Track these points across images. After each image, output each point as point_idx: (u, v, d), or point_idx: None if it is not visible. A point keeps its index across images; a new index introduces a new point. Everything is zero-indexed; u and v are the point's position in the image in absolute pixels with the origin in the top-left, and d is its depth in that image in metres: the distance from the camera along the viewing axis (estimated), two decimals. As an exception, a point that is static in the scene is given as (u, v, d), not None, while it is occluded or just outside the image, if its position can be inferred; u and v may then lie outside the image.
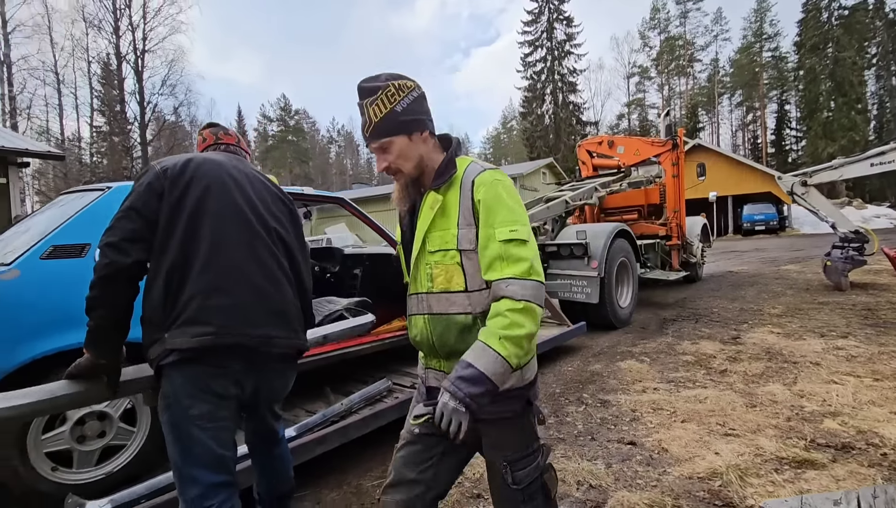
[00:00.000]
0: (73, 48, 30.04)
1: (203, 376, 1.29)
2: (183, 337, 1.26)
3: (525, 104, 38.48)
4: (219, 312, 1.30)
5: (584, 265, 5.08)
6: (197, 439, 1.27)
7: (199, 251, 1.32)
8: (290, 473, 1.73)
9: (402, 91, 1.17)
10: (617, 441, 2.59)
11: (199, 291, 1.30)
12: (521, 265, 1.04)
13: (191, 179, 1.38)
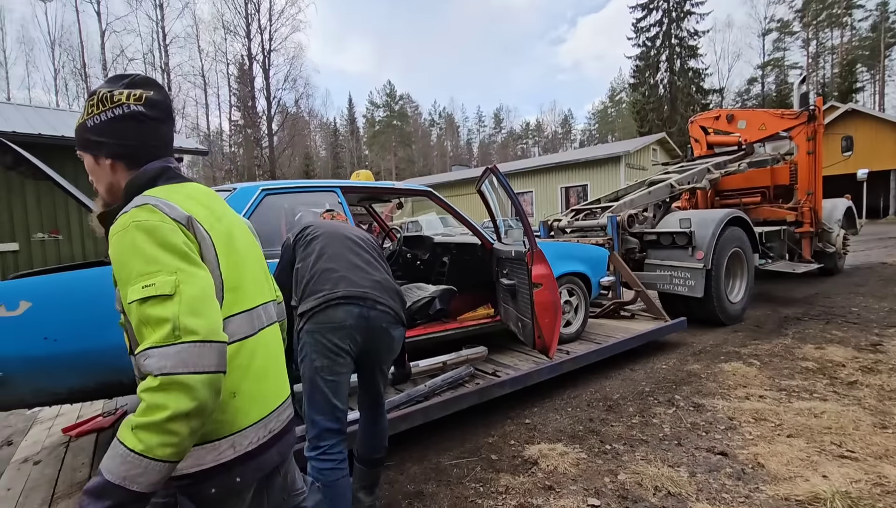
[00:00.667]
0: (215, 53, 34.44)
1: (324, 331, 1.64)
2: (307, 303, 1.68)
3: (636, 74, 35.49)
4: (329, 281, 1.71)
5: (688, 256, 4.70)
6: (318, 388, 1.63)
7: (314, 254, 1.81)
8: (385, 441, 1.98)
9: (104, 104, 0.98)
10: (706, 450, 2.44)
11: (315, 275, 1.74)
12: (162, 329, 0.78)
13: (307, 228, 1.96)
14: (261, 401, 0.98)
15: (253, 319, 1.01)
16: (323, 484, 1.57)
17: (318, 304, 1.66)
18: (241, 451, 0.92)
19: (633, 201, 5.39)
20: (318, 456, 1.61)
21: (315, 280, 1.73)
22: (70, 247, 7.79)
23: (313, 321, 1.66)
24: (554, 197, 20.58)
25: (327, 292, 1.68)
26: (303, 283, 1.77)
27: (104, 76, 30.29)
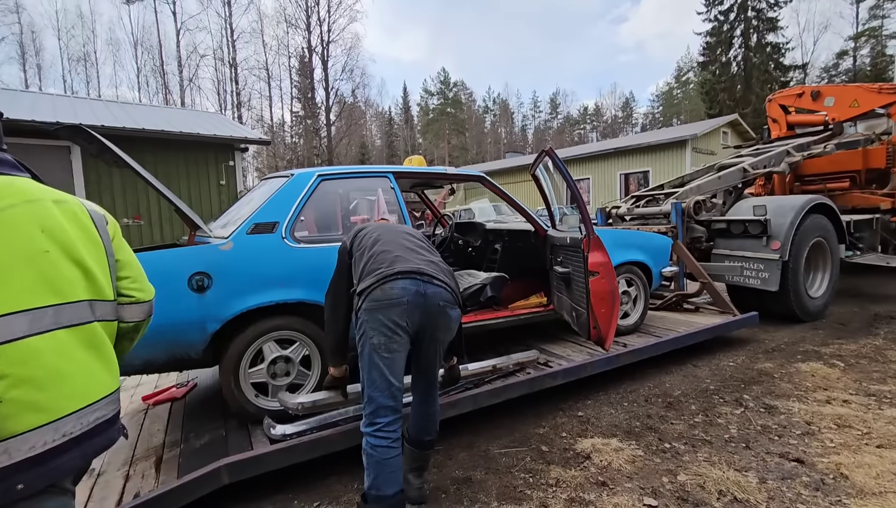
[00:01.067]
0: (277, 46, 35.91)
1: (381, 308, 1.68)
2: (365, 282, 1.75)
3: (706, 51, 32.98)
4: (385, 261, 1.78)
5: (762, 246, 4.33)
6: (375, 365, 1.67)
7: (370, 244, 1.90)
8: (436, 425, 2.00)
9: None
10: (779, 455, 2.26)
11: (371, 257, 1.83)
12: None
13: (361, 229, 2.06)
14: (44, 408, 0.90)
15: (30, 321, 0.91)
16: (376, 461, 1.61)
17: (376, 281, 1.70)
18: (19, 457, 0.86)
19: (701, 186, 5.04)
20: (374, 433, 1.65)
21: (372, 261, 1.79)
22: (150, 231, 8.45)
23: (371, 299, 1.69)
24: (612, 184, 19.74)
25: (384, 270, 1.73)
26: (360, 267, 1.83)
27: (179, 73, 32.47)
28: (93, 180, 7.79)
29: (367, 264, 1.80)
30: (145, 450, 2.40)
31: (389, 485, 1.62)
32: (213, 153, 9.14)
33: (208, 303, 2.33)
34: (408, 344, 1.74)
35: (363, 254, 1.87)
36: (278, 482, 2.21)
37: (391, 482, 1.63)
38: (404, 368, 1.76)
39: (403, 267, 1.74)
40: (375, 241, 1.90)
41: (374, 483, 1.61)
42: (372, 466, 1.63)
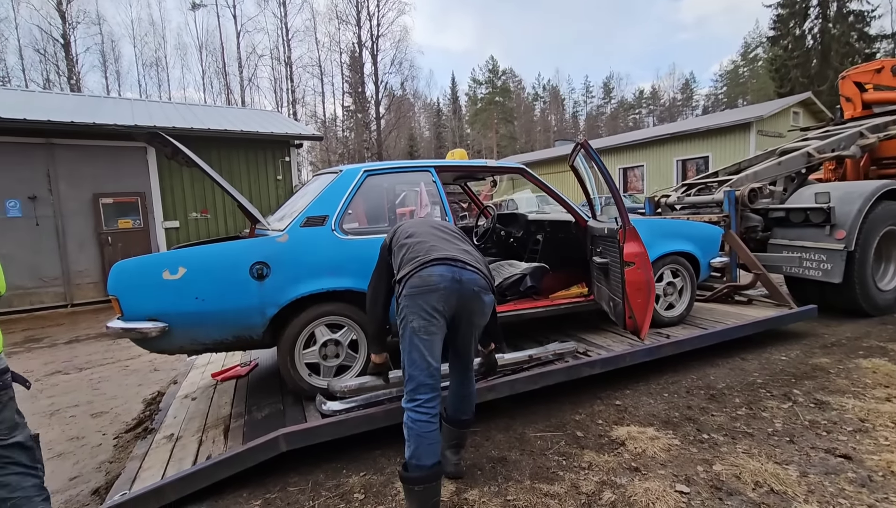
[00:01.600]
0: (329, 43, 36.88)
1: (420, 293, 1.79)
2: (404, 269, 1.87)
3: (777, 24, 30.45)
4: (422, 250, 1.90)
5: (825, 235, 4.09)
6: (416, 346, 1.79)
7: (407, 236, 2.02)
8: (472, 405, 2.13)
9: None
10: (825, 451, 2.20)
11: (409, 247, 1.95)
12: None
13: (399, 226, 2.19)
14: None
15: None
16: (416, 434, 1.76)
17: (414, 268, 1.83)
18: None
19: (758, 173, 4.80)
20: (415, 408, 1.79)
21: (409, 251, 1.93)
22: (216, 224, 9.13)
23: (410, 285, 1.81)
24: (669, 171, 18.86)
25: (421, 257, 1.86)
26: (399, 258, 1.96)
27: (239, 73, 34.23)
28: (165, 177, 8.51)
29: (406, 254, 1.93)
30: (215, 420, 2.70)
31: (429, 456, 1.76)
32: (270, 150, 9.69)
33: (267, 290, 2.58)
34: (445, 327, 1.85)
35: (401, 247, 1.99)
36: (330, 454, 2.42)
37: (430, 453, 1.76)
38: (442, 349, 1.88)
39: (439, 254, 1.86)
40: (412, 234, 2.02)
41: (415, 453, 1.76)
42: (412, 438, 1.78)
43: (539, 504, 1.94)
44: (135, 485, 2.10)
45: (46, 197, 7.62)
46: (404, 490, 1.82)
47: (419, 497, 1.75)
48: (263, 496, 2.12)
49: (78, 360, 4.74)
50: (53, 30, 29.46)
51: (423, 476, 1.74)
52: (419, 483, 1.74)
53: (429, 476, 1.74)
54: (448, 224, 2.22)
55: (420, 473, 1.74)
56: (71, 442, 2.90)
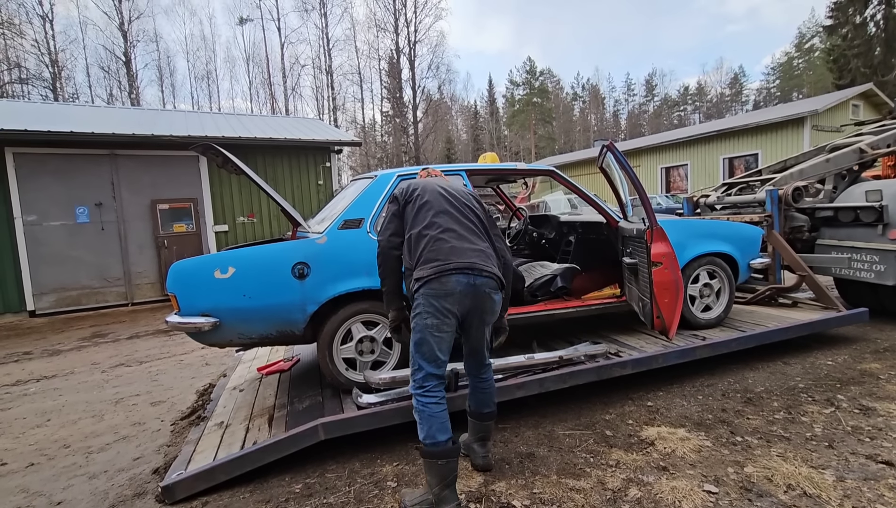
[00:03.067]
0: (368, 50, 37.88)
1: (437, 296, 1.90)
2: (422, 271, 1.92)
3: (835, 13, 28.65)
4: (441, 251, 1.95)
5: (877, 235, 3.88)
6: (427, 341, 1.92)
7: (425, 223, 2.02)
8: (493, 399, 2.21)
9: None
10: (865, 457, 2.13)
11: (428, 244, 1.97)
12: None
13: (414, 190, 2.14)
14: None
15: None
16: (428, 415, 1.89)
17: (433, 273, 1.90)
18: None
19: (804, 170, 4.60)
20: (424, 393, 1.92)
21: (428, 249, 1.96)
22: (262, 227, 9.59)
23: (428, 287, 1.91)
24: (715, 169, 18.13)
25: (441, 264, 1.91)
26: (418, 251, 1.99)
27: (283, 83, 35.63)
28: (216, 183, 9.03)
29: (424, 253, 1.96)
30: (260, 409, 2.90)
31: (442, 433, 1.87)
32: (312, 156, 10.08)
33: (308, 288, 2.75)
34: (456, 325, 1.98)
35: (420, 238, 2.00)
36: (366, 444, 2.56)
37: (443, 430, 1.88)
38: (451, 344, 2.00)
39: (459, 263, 1.92)
40: (430, 224, 2.01)
41: (429, 432, 1.87)
42: (425, 419, 1.89)
43: (565, 497, 1.99)
44: (189, 466, 2.30)
45: (110, 204, 8.26)
46: (426, 466, 1.91)
47: (440, 470, 1.86)
48: (304, 480, 2.28)
49: (139, 354, 5.14)
50: (116, 49, 31.73)
51: (443, 451, 1.85)
52: (441, 458, 1.85)
53: (448, 451, 1.86)
54: (466, 201, 2.16)
55: (436, 448, 1.85)
56: (134, 427, 3.18)
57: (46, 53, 29.53)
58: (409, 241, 2.05)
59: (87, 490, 2.40)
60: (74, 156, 7.96)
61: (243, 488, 2.23)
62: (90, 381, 4.27)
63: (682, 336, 3.36)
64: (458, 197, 2.17)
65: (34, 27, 28.97)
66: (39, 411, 3.61)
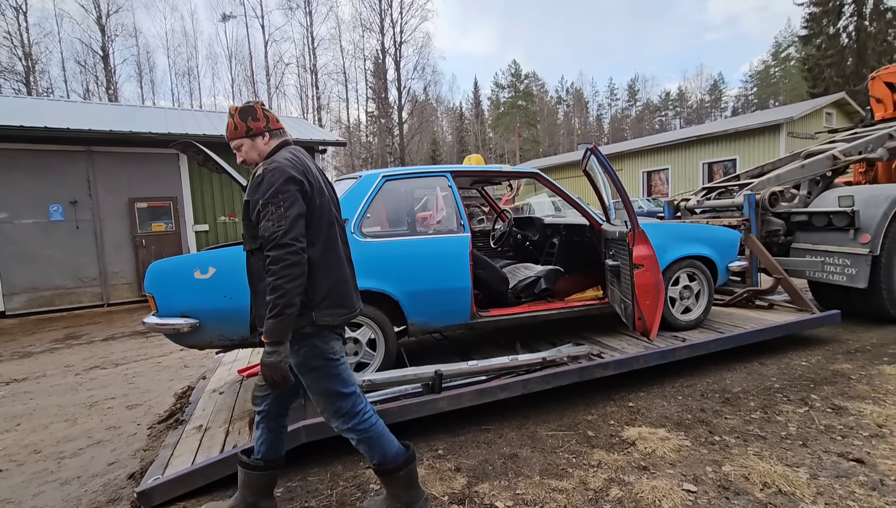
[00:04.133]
0: (353, 50, 37.64)
1: (339, 329, 1.75)
2: (330, 316, 1.65)
3: (809, 23, 29.52)
4: (348, 297, 1.73)
5: (849, 239, 4.01)
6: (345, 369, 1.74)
7: (325, 247, 1.66)
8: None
9: None
10: (838, 455, 2.19)
11: (334, 285, 1.67)
12: None
13: (313, 183, 1.66)
14: None
15: None
16: (377, 432, 1.76)
17: (344, 320, 1.72)
18: None
19: (780, 176, 4.73)
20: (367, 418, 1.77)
21: (335, 290, 1.68)
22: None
23: (334, 326, 1.70)
24: (695, 174, 18.51)
25: (347, 313, 1.72)
26: (320, 285, 1.64)
27: (267, 81, 35.19)
28: (196, 182, 8.86)
29: (331, 295, 1.66)
30: (241, 412, 2.85)
31: (395, 442, 1.80)
32: (295, 156, 9.97)
33: (290, 289, 2.71)
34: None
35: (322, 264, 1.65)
36: (349, 447, 2.51)
37: (393, 439, 1.81)
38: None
39: (355, 313, 1.78)
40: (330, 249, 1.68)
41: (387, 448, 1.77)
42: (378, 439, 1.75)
43: (547, 498, 2.00)
44: (167, 471, 2.25)
45: (86, 202, 8.04)
46: (394, 482, 1.81)
47: (411, 475, 1.82)
48: (285, 484, 2.24)
49: (114, 356, 5.01)
50: (93, 42, 30.97)
51: (408, 456, 1.81)
52: (409, 463, 1.80)
53: (412, 454, 1.83)
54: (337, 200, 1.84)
55: (402, 457, 1.79)
56: (109, 431, 3.10)
57: (20, 46, 28.67)
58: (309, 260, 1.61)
59: (58, 497, 2.32)
60: (48, 152, 7.72)
61: (223, 492, 2.19)
62: (63, 384, 4.14)
63: (663, 338, 3.41)
64: (334, 197, 1.83)
65: (7, 19, 28.13)
66: (8, 415, 3.49)
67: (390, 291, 2.90)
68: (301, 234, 1.54)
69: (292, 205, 1.54)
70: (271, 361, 1.51)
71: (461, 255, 3.04)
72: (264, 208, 1.53)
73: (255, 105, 1.72)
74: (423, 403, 2.56)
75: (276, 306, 1.48)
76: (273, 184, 1.54)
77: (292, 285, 1.49)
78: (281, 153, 1.68)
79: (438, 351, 3.64)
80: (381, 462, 1.76)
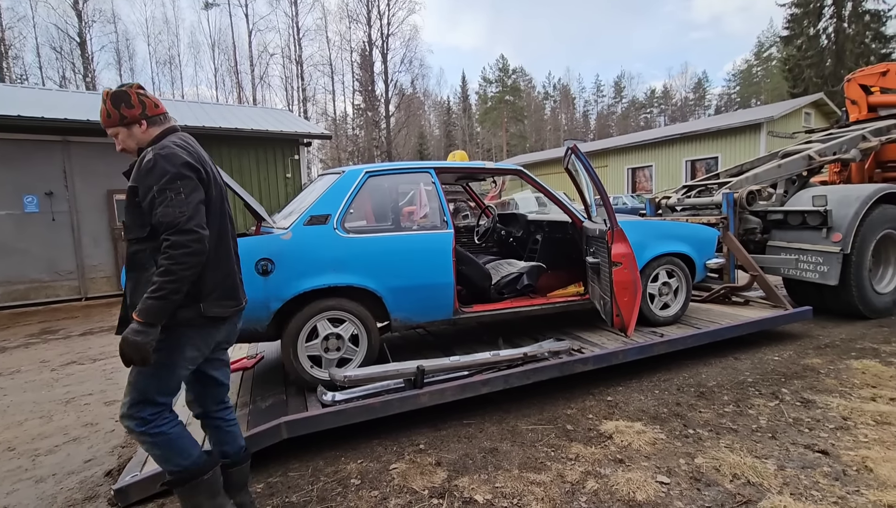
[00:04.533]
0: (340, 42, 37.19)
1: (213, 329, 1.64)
2: (218, 308, 1.60)
3: (791, 24, 30.06)
4: (235, 289, 1.69)
5: (821, 238, 4.13)
6: (177, 374, 1.58)
7: (218, 239, 1.62)
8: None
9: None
10: (804, 446, 2.27)
11: (222, 277, 1.63)
12: None
13: (209, 172, 1.63)
14: None
15: None
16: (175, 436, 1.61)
17: (231, 314, 1.67)
18: None
19: (758, 175, 4.84)
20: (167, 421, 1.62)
21: (224, 282, 1.64)
22: (226, 221, 9.31)
23: (212, 323, 1.61)
24: (678, 172, 18.79)
25: (236, 306, 1.68)
26: (211, 276, 1.58)
27: (251, 71, 34.59)
28: (178, 175, 8.71)
29: (220, 287, 1.62)
30: (222, 408, 2.83)
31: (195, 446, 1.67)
32: (280, 148, 9.85)
33: (271, 285, 2.70)
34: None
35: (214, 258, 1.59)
36: (330, 442, 2.54)
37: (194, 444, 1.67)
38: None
39: (242, 304, 1.74)
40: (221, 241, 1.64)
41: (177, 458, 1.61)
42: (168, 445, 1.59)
43: (525, 491, 2.04)
44: (145, 468, 2.23)
45: (62, 193, 7.84)
46: (188, 491, 1.66)
47: (215, 482, 1.70)
48: (266, 479, 2.25)
49: (92, 351, 4.92)
50: (70, 28, 30.03)
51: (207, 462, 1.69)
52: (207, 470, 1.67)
53: (213, 459, 1.73)
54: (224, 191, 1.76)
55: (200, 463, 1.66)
56: (86, 428, 3.06)
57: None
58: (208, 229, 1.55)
59: (33, 495, 2.29)
60: (23, 142, 7.50)
61: (202, 489, 2.18)
62: (38, 380, 4.06)
63: (642, 333, 3.48)
64: (223, 188, 1.75)
65: (-23, 2, 27.09)
66: (-19, 412, 3.41)
67: (373, 286, 2.90)
68: (204, 221, 1.51)
69: (193, 191, 1.50)
70: (136, 340, 1.40)
71: (444, 251, 3.06)
72: (161, 194, 1.46)
73: (129, 90, 1.61)
74: (406, 398, 2.58)
75: (162, 289, 1.40)
76: (168, 170, 1.47)
77: (187, 273, 1.44)
78: (170, 139, 1.60)
79: (421, 347, 3.66)
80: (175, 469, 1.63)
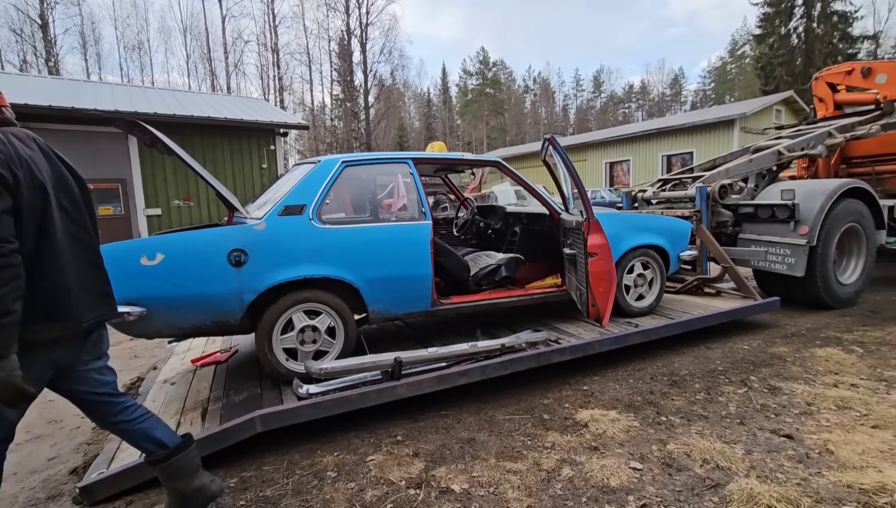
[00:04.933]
0: (318, 30, 36.46)
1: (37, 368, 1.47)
2: (46, 332, 1.45)
3: (763, 23, 30.81)
4: (68, 306, 1.50)
5: (789, 231, 4.26)
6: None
7: (36, 252, 1.42)
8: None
9: None
10: (770, 431, 2.35)
11: (51, 291, 1.46)
12: None
13: (19, 175, 1.38)
14: None
15: None
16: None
17: (59, 336, 1.49)
18: None
19: (730, 169, 4.95)
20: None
21: (46, 299, 1.45)
22: (199, 211, 9.08)
23: (45, 341, 1.46)
24: (654, 166, 19.14)
25: (57, 329, 1.48)
26: (28, 294, 1.34)
27: (225, 59, 33.66)
28: (147, 163, 8.42)
29: (47, 298, 1.44)
30: (193, 403, 2.77)
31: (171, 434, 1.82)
32: (255, 138, 9.63)
33: (244, 276, 2.64)
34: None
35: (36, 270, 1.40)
36: (306, 435, 2.51)
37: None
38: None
39: (84, 318, 1.55)
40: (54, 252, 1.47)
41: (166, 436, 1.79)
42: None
43: (502, 479, 2.05)
44: (112, 465, 2.16)
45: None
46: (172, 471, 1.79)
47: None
48: (239, 474, 2.21)
49: (57, 346, 4.75)
50: (30, 10, 28.65)
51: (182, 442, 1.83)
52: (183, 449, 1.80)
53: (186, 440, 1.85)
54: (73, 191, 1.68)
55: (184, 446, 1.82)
56: (49, 425, 2.95)
57: (-55, 10, 26.18)
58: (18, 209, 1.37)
59: (-8, 495, 2.20)
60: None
61: (172, 485, 2.12)
62: (-1, 376, 3.89)
63: (617, 324, 3.54)
64: (70, 189, 1.65)
65: (-71, -21, 25.57)
66: (-64, 410, 3.25)
67: (350, 278, 2.86)
68: (11, 233, 1.30)
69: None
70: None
71: (422, 242, 3.04)
72: None
73: None
74: (383, 390, 2.56)
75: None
76: None
77: (5, 290, 1.25)
78: None
79: (399, 338, 3.64)
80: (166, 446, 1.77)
